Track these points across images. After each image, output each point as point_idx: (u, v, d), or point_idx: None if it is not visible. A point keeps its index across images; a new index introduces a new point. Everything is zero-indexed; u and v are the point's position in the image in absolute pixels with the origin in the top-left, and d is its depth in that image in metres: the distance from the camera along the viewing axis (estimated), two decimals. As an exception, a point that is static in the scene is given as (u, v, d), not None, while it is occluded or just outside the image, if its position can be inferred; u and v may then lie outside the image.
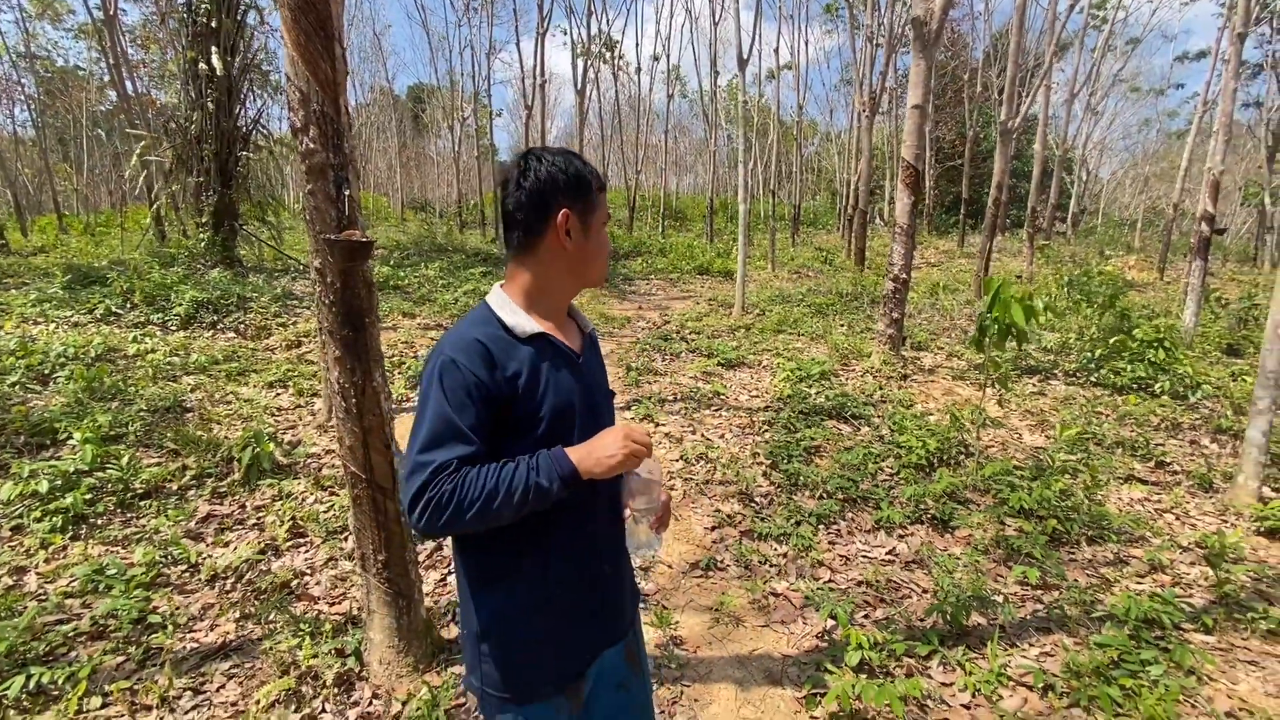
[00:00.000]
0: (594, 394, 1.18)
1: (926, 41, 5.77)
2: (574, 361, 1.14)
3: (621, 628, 1.23)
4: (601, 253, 1.16)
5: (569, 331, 1.19)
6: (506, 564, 1.08)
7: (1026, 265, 13.36)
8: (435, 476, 0.94)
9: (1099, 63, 18.99)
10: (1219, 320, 9.05)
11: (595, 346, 1.28)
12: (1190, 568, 3.13)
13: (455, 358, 0.99)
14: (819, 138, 36.41)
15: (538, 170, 1.06)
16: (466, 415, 0.98)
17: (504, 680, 1.09)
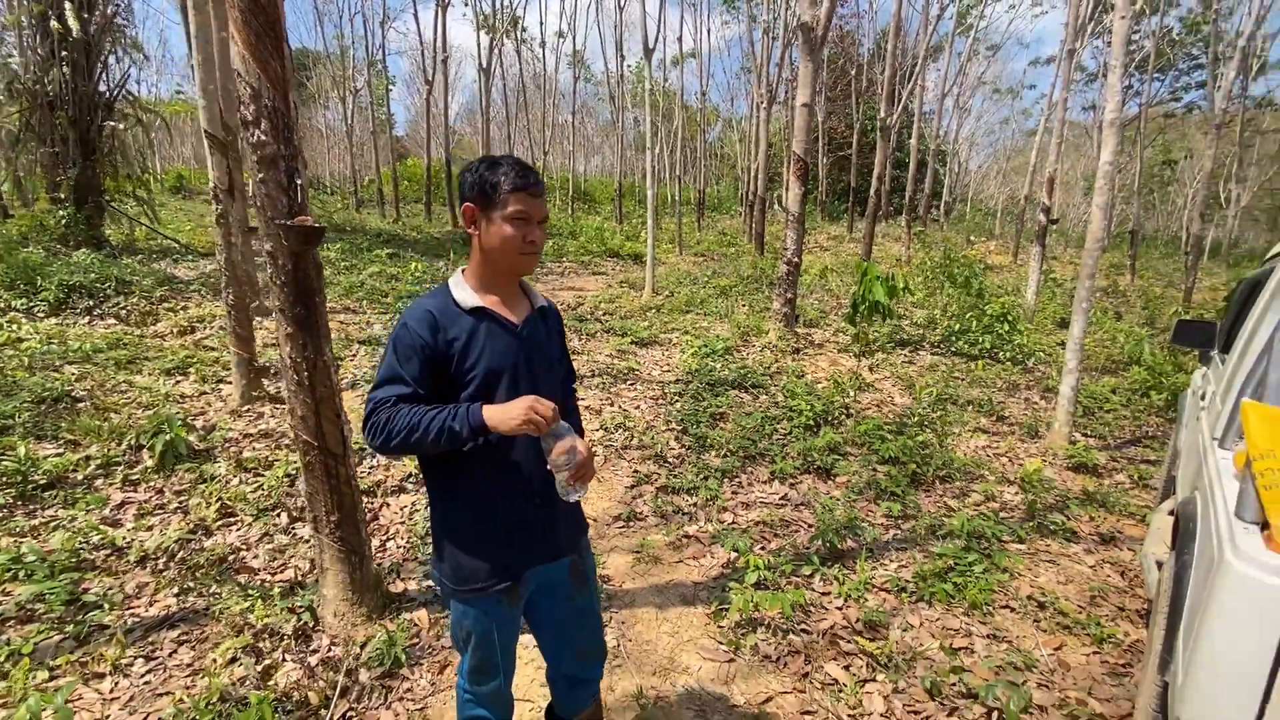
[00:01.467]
0: (532, 358, 1.40)
1: (813, 45, 6.36)
2: (512, 330, 1.37)
3: (555, 549, 1.47)
4: (505, 243, 1.32)
5: (515, 306, 1.42)
6: (448, 483, 1.38)
7: (905, 249, 14.77)
8: (377, 407, 1.26)
9: (965, 65, 21.03)
10: (1055, 297, 10.58)
11: (548, 320, 1.51)
12: (1014, 496, 3.90)
13: (408, 322, 1.29)
14: (721, 124, 37.58)
15: (461, 178, 1.38)
16: (410, 367, 1.27)
17: (451, 573, 1.39)
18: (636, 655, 2.42)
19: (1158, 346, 7.14)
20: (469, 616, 1.43)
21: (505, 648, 1.48)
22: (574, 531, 1.54)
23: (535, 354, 1.42)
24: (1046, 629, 2.63)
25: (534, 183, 1.33)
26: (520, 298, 1.47)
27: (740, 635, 2.52)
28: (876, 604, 2.72)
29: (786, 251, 6.91)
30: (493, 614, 1.43)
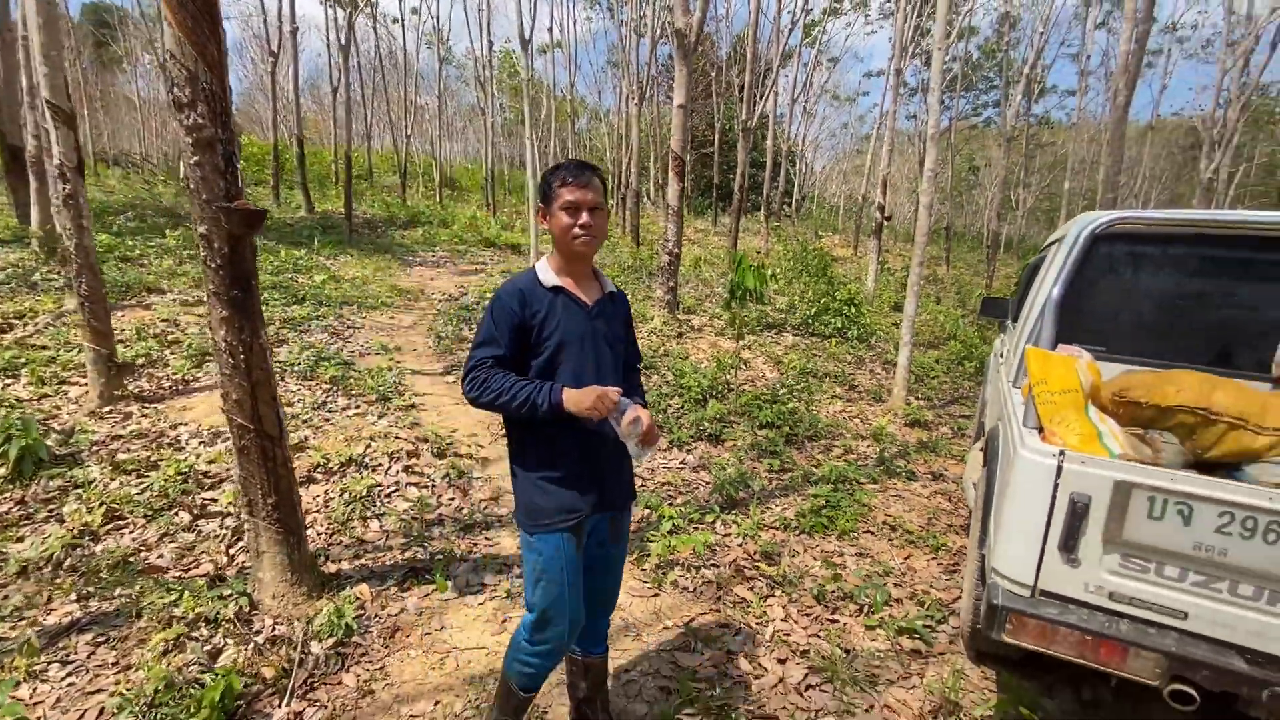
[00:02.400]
0: (598, 334, 1.63)
1: (687, 50, 6.86)
2: (584, 308, 1.62)
3: (609, 502, 1.69)
4: (562, 230, 1.56)
5: (588, 289, 1.66)
6: (524, 438, 1.63)
7: (764, 242, 16.09)
8: (477, 365, 1.54)
9: (811, 74, 23.09)
10: (889, 285, 12.17)
11: (616, 304, 1.74)
12: (867, 448, 4.65)
13: (503, 296, 1.56)
14: (588, 115, 37.86)
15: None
16: (502, 332, 1.54)
17: (527, 512, 1.62)
18: (574, 601, 2.70)
19: (969, 324, 8.60)
20: (543, 553, 1.60)
21: (574, 584, 1.64)
22: (626, 492, 1.77)
23: (602, 331, 1.65)
24: (898, 545, 3.29)
25: (580, 174, 1.55)
26: (593, 283, 1.70)
27: (661, 574, 2.89)
28: (769, 539, 3.23)
29: (668, 243, 7.40)
30: (563, 549, 1.60)
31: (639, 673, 2.29)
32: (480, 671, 2.25)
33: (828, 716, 2.11)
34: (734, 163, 27.60)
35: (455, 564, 2.90)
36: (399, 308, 7.83)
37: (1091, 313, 2.56)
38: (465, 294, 8.92)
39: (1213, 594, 1.54)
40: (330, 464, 3.62)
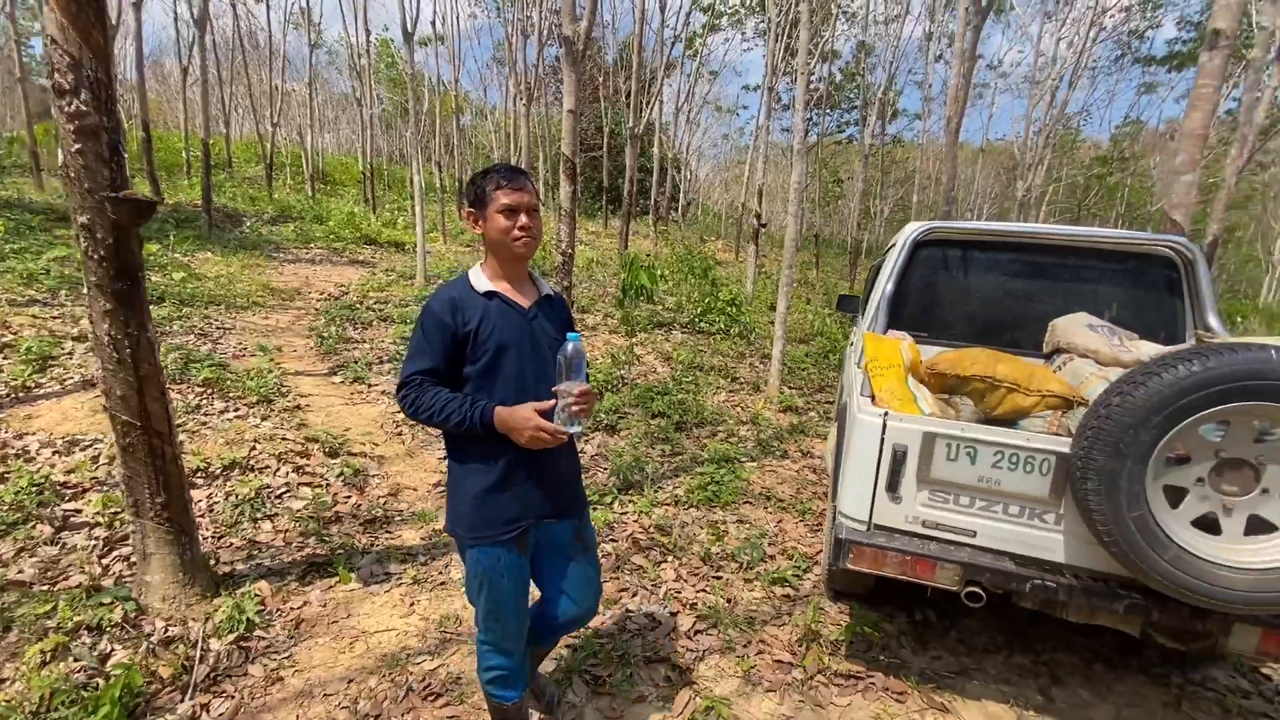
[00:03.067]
0: (537, 337, 1.59)
1: (575, 58, 7.07)
2: (521, 311, 1.58)
3: (558, 508, 1.65)
4: (500, 233, 1.53)
5: (524, 293, 1.63)
6: (461, 446, 1.59)
7: (653, 245, 16.67)
8: (407, 382, 1.52)
9: (694, 85, 24.14)
10: (766, 286, 13.10)
11: (554, 305, 1.70)
12: (747, 432, 5.13)
13: (433, 306, 1.52)
14: (472, 112, 36.90)
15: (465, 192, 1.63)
16: (434, 344, 1.51)
17: (466, 523, 1.59)
18: (481, 581, 2.84)
19: (834, 321, 9.53)
20: (482, 564, 1.58)
21: (516, 592, 1.63)
22: (573, 496, 1.73)
23: (541, 334, 1.60)
24: (772, 511, 3.72)
25: (515, 177, 1.54)
26: (529, 286, 1.67)
27: (563, 553, 3.10)
28: (662, 514, 3.54)
29: (561, 244, 7.55)
30: (503, 560, 1.58)
31: (546, 636, 2.49)
32: (393, 649, 2.35)
33: (713, 654, 2.43)
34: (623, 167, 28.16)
35: (358, 557, 2.93)
36: (273, 308, 7.38)
37: (915, 304, 3.11)
38: (347, 293, 8.55)
39: (992, 515, 2.02)
40: (211, 468, 3.46)
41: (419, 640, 2.41)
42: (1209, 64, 4.17)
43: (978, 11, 8.51)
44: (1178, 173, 4.43)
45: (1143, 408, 1.64)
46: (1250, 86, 9.70)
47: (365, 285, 8.96)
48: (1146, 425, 1.64)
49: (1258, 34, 8.97)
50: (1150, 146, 23.57)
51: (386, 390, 5.05)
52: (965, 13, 8.58)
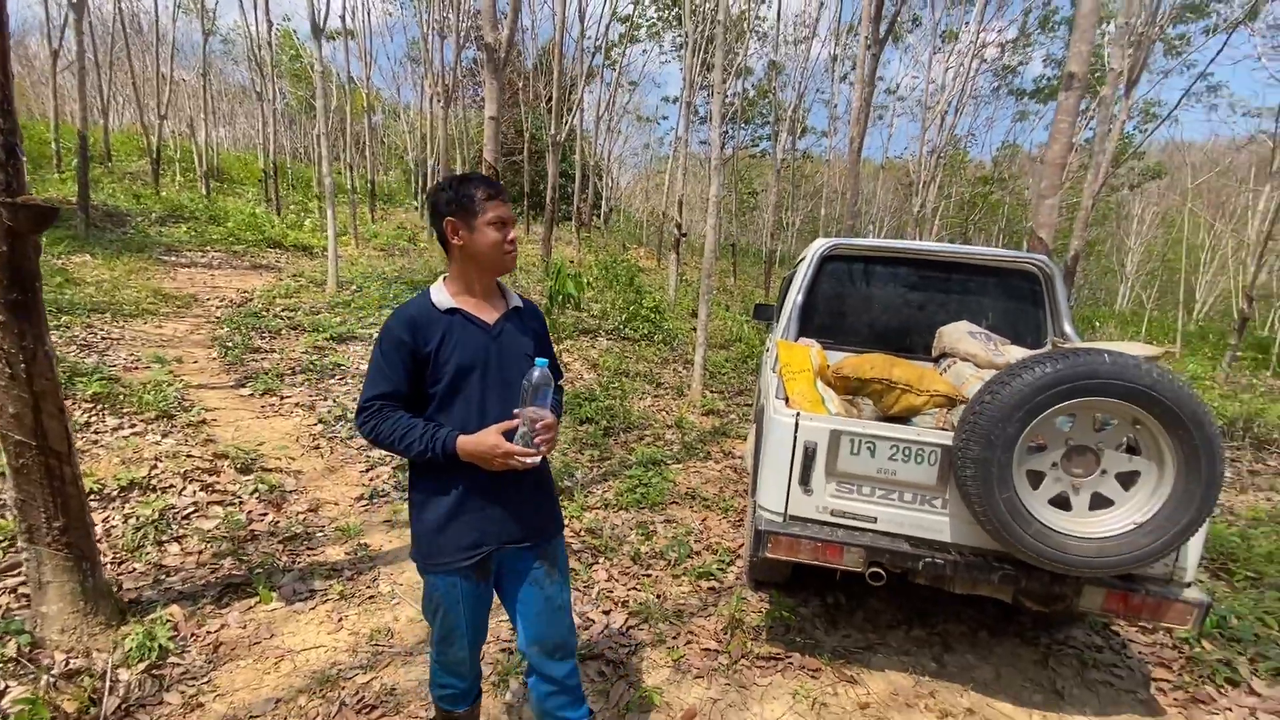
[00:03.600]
0: (503, 355, 1.51)
1: (497, 65, 7.06)
2: (484, 329, 1.50)
3: (524, 533, 1.55)
4: (491, 247, 1.46)
5: (490, 307, 1.54)
6: (420, 469, 1.52)
7: (576, 251, 16.73)
8: (366, 408, 1.43)
9: (615, 94, 24.42)
10: (687, 294, 13.47)
11: (523, 317, 1.60)
12: (673, 435, 5.31)
13: (392, 325, 1.44)
14: (384, 110, 35.52)
15: (432, 198, 1.52)
16: (393, 365, 1.43)
17: (424, 548, 1.52)
18: (413, 593, 2.83)
19: (751, 328, 9.96)
20: (438, 589, 1.53)
21: (472, 620, 1.57)
22: (543, 519, 1.62)
23: (507, 351, 1.52)
24: (697, 510, 3.90)
25: (500, 190, 1.50)
26: (497, 299, 1.58)
27: (495, 560, 3.13)
28: (593, 518, 3.63)
29: (483, 249, 7.52)
30: (459, 587, 1.52)
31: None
32: (322, 666, 2.31)
33: (645, 647, 2.55)
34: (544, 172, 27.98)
35: (279, 575, 2.84)
36: (168, 316, 6.87)
37: (822, 314, 3.39)
38: (251, 300, 8.06)
39: (890, 502, 2.26)
40: (107, 489, 3.23)
41: (350, 655, 2.38)
42: (1065, 102, 4.78)
43: (877, 40, 9.21)
44: (1043, 196, 5.04)
45: (1008, 404, 1.92)
46: (1102, 120, 11.05)
47: (272, 291, 8.49)
48: (1011, 419, 1.92)
49: (1108, 74, 10.24)
50: (1024, 168, 26.10)
51: (301, 403, 4.84)
52: (865, 41, 9.27)
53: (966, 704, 2.35)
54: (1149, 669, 2.64)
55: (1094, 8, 4.56)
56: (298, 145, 34.30)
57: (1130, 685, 2.53)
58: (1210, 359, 12.82)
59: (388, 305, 8.48)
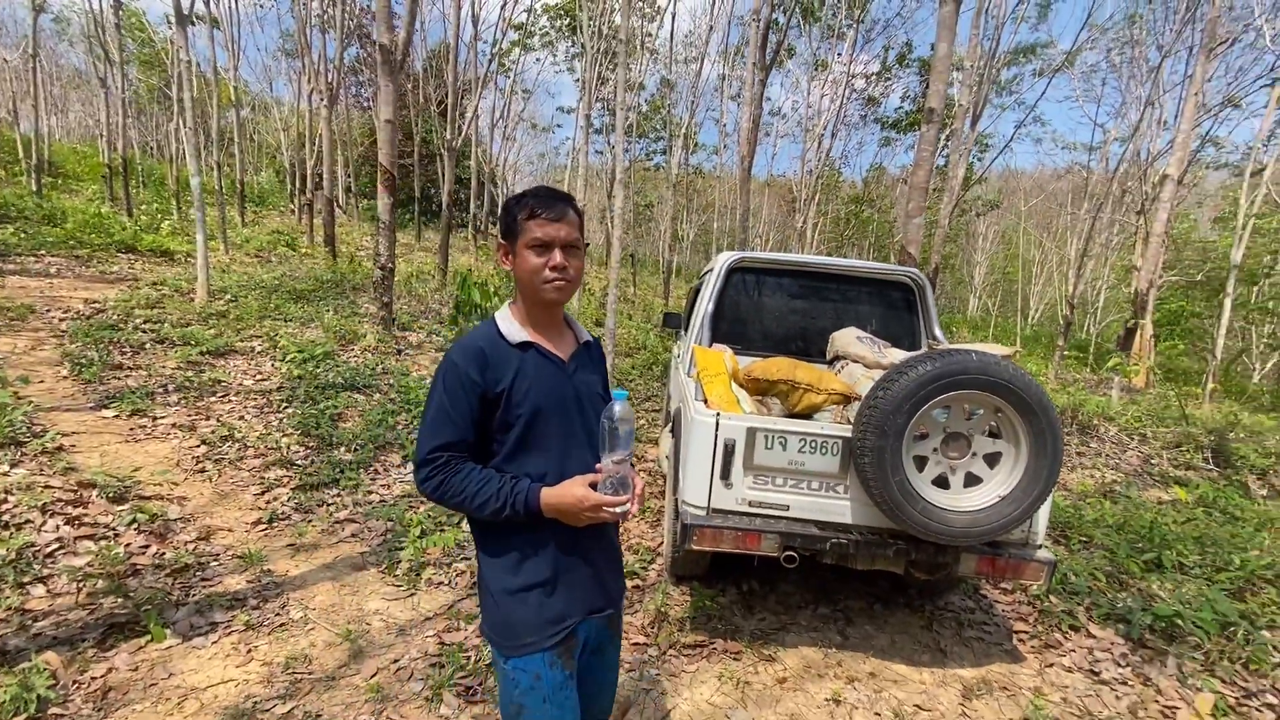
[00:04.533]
0: (581, 397, 1.34)
1: (393, 67, 6.85)
2: (561, 366, 1.32)
3: (606, 595, 1.37)
4: (529, 273, 1.25)
5: (561, 341, 1.36)
6: (492, 533, 1.30)
7: (473, 260, 16.35)
8: (431, 459, 1.22)
9: (509, 101, 24.16)
10: (590, 303, 13.59)
11: (591, 354, 1.42)
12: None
13: (457, 360, 1.24)
14: (254, 103, 32.75)
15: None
16: (459, 409, 1.22)
17: (501, 628, 1.28)
18: (328, 617, 2.70)
19: (655, 336, 10.25)
20: (519, 683, 1.27)
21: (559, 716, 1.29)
22: (619, 578, 1.46)
23: (585, 391, 1.36)
24: (615, 514, 4.00)
25: (551, 205, 1.26)
26: (566, 332, 1.40)
27: (415, 576, 3.05)
28: (512, 527, 3.62)
29: (380, 257, 7.21)
30: (545, 679, 1.27)
31: (408, 659, 2.46)
32: (235, 700, 2.16)
33: (576, 647, 2.61)
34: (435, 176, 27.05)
35: (171, 610, 2.61)
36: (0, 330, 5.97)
37: (731, 321, 3.63)
38: (104, 311, 7.17)
39: (800, 491, 2.49)
40: (-58, 531, 2.80)
41: (264, 686, 2.25)
42: (927, 134, 5.42)
43: (764, 66, 9.89)
44: (910, 216, 5.67)
45: (898, 398, 2.20)
46: (954, 149, 12.53)
47: (129, 301, 7.59)
48: (900, 411, 2.20)
49: (957, 110, 11.64)
50: (890, 189, 28.79)
51: (179, 424, 4.42)
52: (753, 66, 9.92)
53: (868, 669, 2.63)
54: (1011, 624, 3.07)
55: (948, 53, 5.23)
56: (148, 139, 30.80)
57: (997, 639, 2.94)
58: (1043, 358, 14.82)
59: (269, 316, 7.89)
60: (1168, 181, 9.77)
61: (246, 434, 4.39)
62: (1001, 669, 2.70)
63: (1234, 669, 2.69)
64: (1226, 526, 4.22)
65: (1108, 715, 2.42)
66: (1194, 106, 9.89)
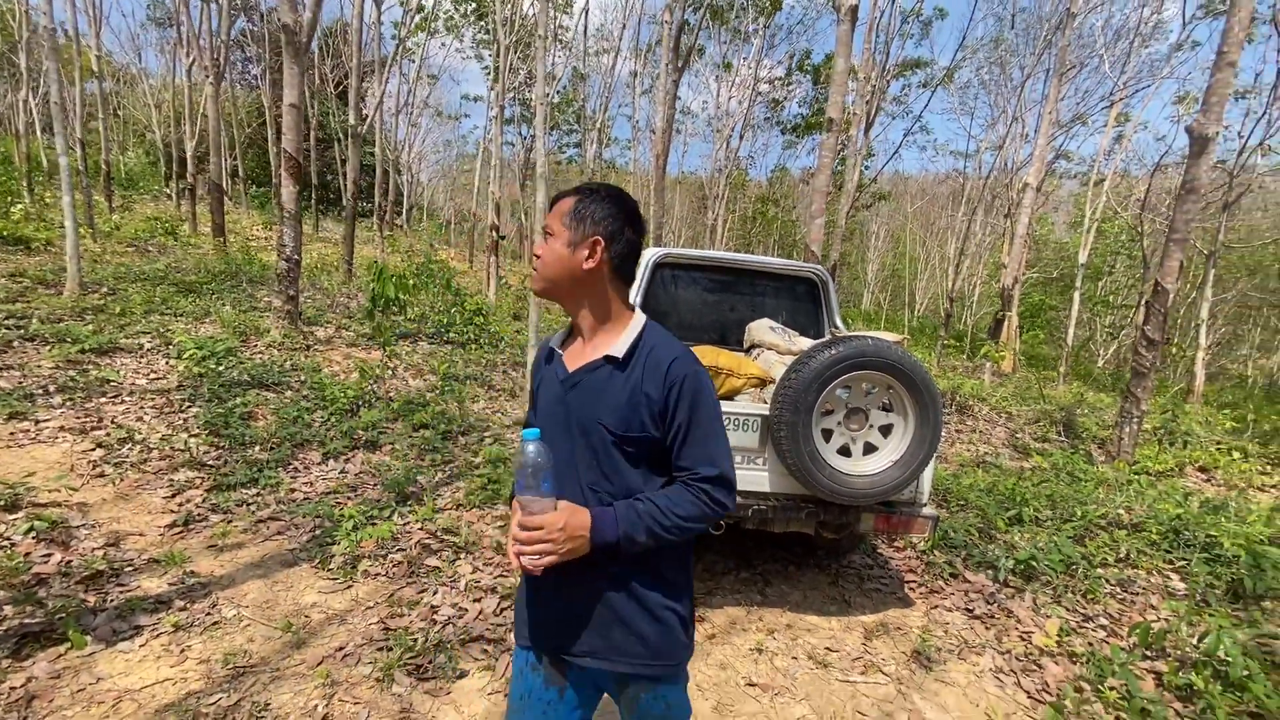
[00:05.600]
0: (569, 415, 1.19)
1: (298, 49, 6.52)
2: (560, 381, 1.22)
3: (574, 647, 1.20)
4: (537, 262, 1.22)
5: (590, 350, 1.22)
6: None
7: (380, 252, 15.69)
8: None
9: (414, 86, 23.23)
10: (508, 296, 13.48)
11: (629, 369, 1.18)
12: (512, 435, 5.45)
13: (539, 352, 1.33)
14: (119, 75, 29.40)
15: None
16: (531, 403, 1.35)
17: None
18: (263, 613, 2.67)
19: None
20: (513, 669, 1.33)
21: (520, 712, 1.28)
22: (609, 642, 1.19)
23: (581, 414, 1.18)
24: (548, 500, 4.14)
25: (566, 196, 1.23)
26: (604, 341, 1.23)
27: (350, 568, 3.06)
28: (447, 518, 3.68)
29: (285, 249, 6.87)
30: (524, 679, 1.28)
31: (354, 646, 2.51)
32: (175, 698, 2.13)
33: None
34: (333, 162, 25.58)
35: (87, 617, 2.49)
36: None
37: (659, 314, 3.86)
38: (-48, 306, 6.36)
39: (725, 466, 2.76)
40: None
41: (205, 682, 2.23)
42: (827, 141, 5.90)
43: (677, 68, 10.22)
44: (814, 216, 6.15)
45: (807, 380, 2.50)
46: (850, 154, 13.49)
47: (-20, 294, 6.77)
48: (810, 390, 2.50)
49: (853, 118, 12.56)
50: (793, 189, 30.32)
51: (67, 426, 4.07)
52: (667, 67, 10.22)
53: (785, 621, 2.95)
54: (903, 575, 3.52)
55: (845, 67, 5.73)
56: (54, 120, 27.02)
57: (892, 589, 3.36)
58: (927, 347, 16.28)
59: (157, 310, 7.30)
60: (1028, 189, 11.05)
61: (148, 435, 4.13)
62: (896, 613, 3.12)
63: (1075, 599, 3.26)
64: (1072, 486, 4.97)
65: (979, 643, 2.88)
66: (1049, 123, 11.24)
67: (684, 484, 1.17)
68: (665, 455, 1.19)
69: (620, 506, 1.13)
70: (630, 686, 1.24)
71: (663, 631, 1.21)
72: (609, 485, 1.18)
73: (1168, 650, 2.81)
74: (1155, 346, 5.90)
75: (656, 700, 1.24)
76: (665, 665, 1.22)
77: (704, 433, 1.17)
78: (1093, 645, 2.88)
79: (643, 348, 1.19)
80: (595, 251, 1.18)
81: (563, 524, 1.07)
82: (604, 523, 1.11)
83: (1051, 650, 2.82)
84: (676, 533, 1.14)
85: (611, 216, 1.20)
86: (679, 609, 1.24)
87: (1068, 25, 10.86)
